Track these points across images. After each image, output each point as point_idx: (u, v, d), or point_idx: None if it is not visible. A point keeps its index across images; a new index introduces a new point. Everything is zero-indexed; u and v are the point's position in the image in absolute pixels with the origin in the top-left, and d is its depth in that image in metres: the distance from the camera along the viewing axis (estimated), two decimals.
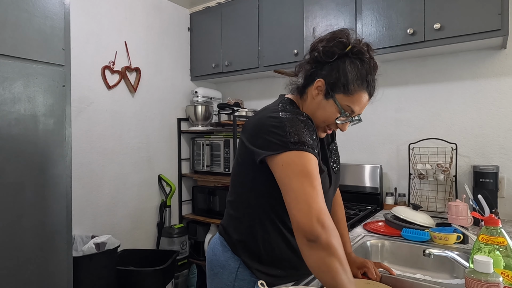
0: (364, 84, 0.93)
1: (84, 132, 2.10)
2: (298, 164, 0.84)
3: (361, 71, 0.93)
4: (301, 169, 0.83)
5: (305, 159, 0.84)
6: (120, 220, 2.31)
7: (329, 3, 2.01)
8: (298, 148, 0.85)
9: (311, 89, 0.97)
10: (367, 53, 0.95)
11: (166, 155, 2.65)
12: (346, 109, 0.94)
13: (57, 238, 1.45)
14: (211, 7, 2.66)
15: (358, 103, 0.94)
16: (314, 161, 0.85)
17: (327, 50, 0.94)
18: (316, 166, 0.85)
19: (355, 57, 0.94)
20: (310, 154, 0.85)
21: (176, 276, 2.39)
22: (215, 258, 1.03)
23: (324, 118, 0.96)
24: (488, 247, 0.81)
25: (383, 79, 2.17)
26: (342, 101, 0.93)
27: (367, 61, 0.94)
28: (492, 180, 1.67)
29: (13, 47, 1.32)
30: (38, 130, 1.39)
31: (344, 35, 0.95)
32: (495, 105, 1.83)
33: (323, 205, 0.80)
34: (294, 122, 0.89)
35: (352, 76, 0.92)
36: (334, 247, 0.76)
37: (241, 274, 0.97)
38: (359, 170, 2.13)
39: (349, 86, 0.92)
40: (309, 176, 0.82)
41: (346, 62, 0.93)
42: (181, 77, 2.76)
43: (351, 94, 0.92)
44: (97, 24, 2.17)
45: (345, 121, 0.95)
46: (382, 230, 1.51)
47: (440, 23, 1.65)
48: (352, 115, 0.95)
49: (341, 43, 0.94)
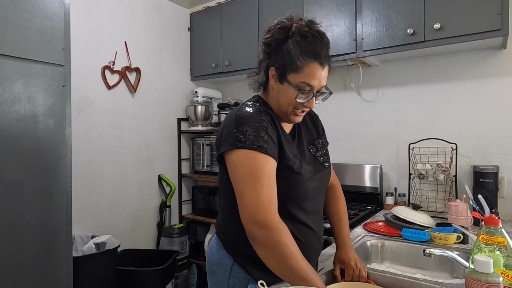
0: (310, 56, 0.92)
1: (84, 132, 2.10)
2: (243, 166, 0.88)
3: (305, 45, 0.93)
4: (246, 171, 0.87)
5: (251, 160, 0.87)
6: (120, 220, 2.31)
7: (329, 3, 2.01)
8: (246, 146, 0.88)
9: (270, 81, 1.00)
10: (309, 27, 0.95)
11: (166, 155, 2.65)
12: (302, 86, 0.94)
13: (57, 238, 1.45)
14: (211, 7, 2.66)
15: (312, 76, 0.93)
16: (262, 161, 0.87)
17: (271, 39, 0.97)
18: (264, 165, 0.87)
19: (297, 36, 0.94)
20: (258, 154, 0.87)
21: (176, 276, 2.39)
22: (212, 257, 1.06)
23: (287, 102, 0.96)
24: (488, 247, 0.81)
25: (383, 79, 2.17)
26: (296, 80, 0.93)
27: (310, 35, 0.94)
28: (492, 180, 1.67)
29: (13, 47, 1.32)
30: (38, 130, 1.39)
31: (284, 21, 0.97)
32: (495, 105, 1.83)
33: (264, 205, 0.84)
34: (249, 119, 0.92)
35: (296, 52, 0.93)
36: (272, 245, 0.83)
37: (235, 272, 1.00)
38: (359, 170, 2.13)
39: (296, 62, 0.92)
40: (253, 178, 0.86)
41: (288, 43, 0.95)
42: (181, 77, 2.76)
43: (301, 69, 0.93)
44: (97, 24, 2.17)
45: (307, 98, 0.96)
46: (382, 230, 1.51)
47: (440, 23, 1.65)
48: (313, 90, 0.95)
49: (281, 29, 0.96)
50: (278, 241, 0.83)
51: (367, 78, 2.21)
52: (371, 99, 2.21)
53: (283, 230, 0.84)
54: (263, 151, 0.88)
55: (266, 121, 0.93)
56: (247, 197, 0.86)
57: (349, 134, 2.29)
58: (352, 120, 2.29)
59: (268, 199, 0.86)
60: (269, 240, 0.83)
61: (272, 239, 0.83)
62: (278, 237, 0.83)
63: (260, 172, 0.86)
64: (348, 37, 1.95)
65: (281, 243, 0.83)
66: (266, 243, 0.84)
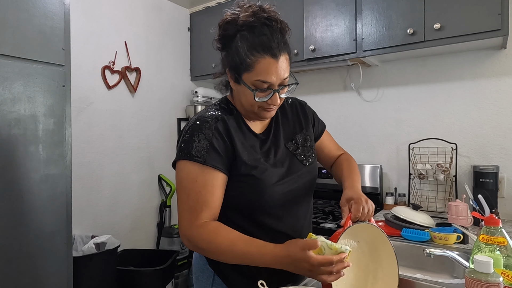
0: (259, 49, 0.83)
1: (84, 132, 2.10)
2: (178, 177, 0.90)
3: (252, 39, 0.84)
4: (179, 183, 0.89)
5: (185, 172, 0.88)
6: (120, 220, 2.31)
7: (329, 3, 2.01)
8: (185, 157, 0.87)
9: (230, 83, 0.94)
10: (255, 16, 0.85)
11: (166, 155, 2.65)
12: (258, 85, 0.85)
13: (57, 238, 1.45)
14: (211, 7, 2.66)
15: (266, 72, 0.83)
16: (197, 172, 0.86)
17: (220, 38, 0.90)
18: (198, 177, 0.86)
19: (244, 29, 0.85)
20: (194, 165, 0.86)
21: (176, 276, 2.39)
22: (196, 262, 1.05)
23: (249, 103, 0.89)
24: (488, 247, 0.81)
25: (383, 79, 2.17)
26: (250, 79, 0.85)
27: (258, 25, 0.84)
28: (492, 180, 1.67)
29: (13, 47, 1.32)
30: (38, 130, 1.39)
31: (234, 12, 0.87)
32: (495, 105, 1.83)
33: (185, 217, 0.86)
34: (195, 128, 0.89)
35: (244, 50, 0.84)
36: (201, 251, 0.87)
37: (217, 279, 0.98)
38: (359, 170, 2.12)
39: (246, 60, 0.84)
40: (184, 190, 0.87)
41: (236, 40, 0.86)
42: (181, 77, 2.76)
43: (252, 68, 0.84)
44: (97, 24, 2.16)
45: (268, 96, 0.87)
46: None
47: (440, 23, 1.65)
48: (272, 86, 0.86)
49: (229, 24, 0.87)
50: (198, 248, 0.86)
51: (367, 78, 2.21)
52: (371, 99, 2.21)
53: (201, 235, 0.84)
54: (200, 162, 0.85)
55: (211, 131, 0.87)
56: (178, 209, 0.89)
57: (349, 134, 2.29)
58: (352, 120, 2.29)
59: (192, 210, 0.86)
60: (194, 249, 0.88)
61: (194, 247, 0.86)
62: (197, 245, 0.85)
63: (190, 185, 0.86)
64: (348, 37, 1.94)
65: (201, 248, 0.85)
66: (196, 251, 0.90)
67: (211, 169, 0.86)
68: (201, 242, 0.84)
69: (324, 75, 2.36)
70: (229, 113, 0.95)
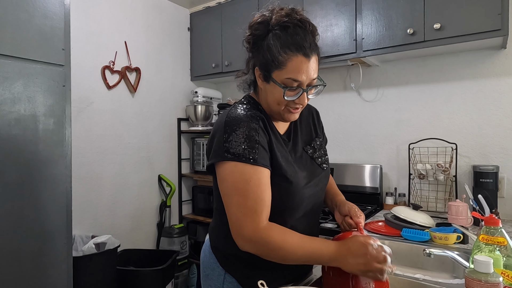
0: (292, 48, 0.85)
1: (84, 132, 2.10)
2: (229, 180, 0.86)
3: (285, 38, 0.86)
4: (231, 185, 0.85)
5: (237, 174, 0.84)
6: (120, 220, 2.31)
7: (329, 3, 2.01)
8: (233, 159, 0.84)
9: (258, 82, 0.95)
10: (289, 17, 0.88)
11: (166, 155, 2.65)
12: (288, 83, 0.87)
13: (57, 238, 1.45)
14: (211, 7, 2.66)
15: (297, 71, 0.86)
16: (250, 173, 0.84)
17: (251, 37, 0.93)
18: (251, 177, 0.84)
19: (277, 28, 0.88)
20: (245, 166, 0.84)
21: (176, 276, 2.39)
22: (206, 260, 1.04)
23: (277, 101, 0.91)
24: (488, 247, 0.81)
25: (383, 79, 2.17)
26: (281, 77, 0.87)
27: (291, 25, 0.87)
28: (492, 180, 1.67)
29: (13, 47, 1.31)
30: (38, 130, 1.39)
31: (265, 14, 0.91)
32: (495, 105, 1.83)
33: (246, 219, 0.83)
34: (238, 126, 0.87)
35: (276, 48, 0.86)
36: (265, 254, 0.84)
37: (229, 277, 0.97)
38: (359, 170, 2.13)
39: (278, 58, 0.86)
40: (238, 192, 0.84)
41: (268, 38, 0.89)
42: (181, 77, 2.76)
43: (284, 65, 0.86)
44: (97, 24, 2.17)
45: (297, 95, 0.88)
46: (382, 230, 1.50)
47: (440, 23, 1.65)
48: (302, 85, 0.87)
49: (261, 24, 0.91)
50: (269, 249, 0.83)
51: (367, 78, 2.21)
52: (371, 99, 2.21)
53: (271, 237, 0.82)
54: (251, 163, 0.84)
55: (256, 127, 0.88)
56: (232, 213, 0.85)
57: (349, 134, 2.29)
58: (352, 120, 2.29)
59: (253, 211, 0.83)
60: (260, 252, 0.84)
61: (263, 249, 0.84)
62: (267, 246, 0.83)
63: (245, 186, 0.84)
64: (348, 37, 1.95)
65: (272, 249, 0.83)
66: (260, 254, 0.85)
67: (261, 168, 0.86)
68: (272, 244, 0.82)
69: (324, 75, 2.36)
70: (260, 111, 0.96)
